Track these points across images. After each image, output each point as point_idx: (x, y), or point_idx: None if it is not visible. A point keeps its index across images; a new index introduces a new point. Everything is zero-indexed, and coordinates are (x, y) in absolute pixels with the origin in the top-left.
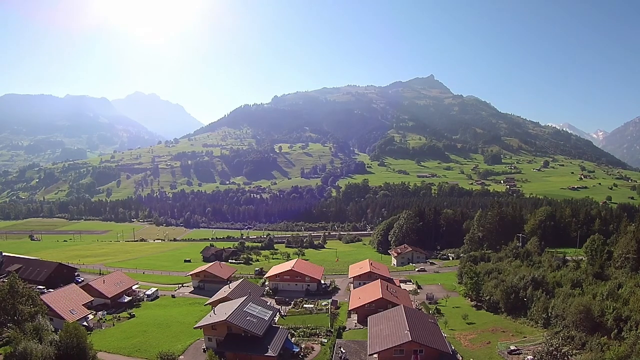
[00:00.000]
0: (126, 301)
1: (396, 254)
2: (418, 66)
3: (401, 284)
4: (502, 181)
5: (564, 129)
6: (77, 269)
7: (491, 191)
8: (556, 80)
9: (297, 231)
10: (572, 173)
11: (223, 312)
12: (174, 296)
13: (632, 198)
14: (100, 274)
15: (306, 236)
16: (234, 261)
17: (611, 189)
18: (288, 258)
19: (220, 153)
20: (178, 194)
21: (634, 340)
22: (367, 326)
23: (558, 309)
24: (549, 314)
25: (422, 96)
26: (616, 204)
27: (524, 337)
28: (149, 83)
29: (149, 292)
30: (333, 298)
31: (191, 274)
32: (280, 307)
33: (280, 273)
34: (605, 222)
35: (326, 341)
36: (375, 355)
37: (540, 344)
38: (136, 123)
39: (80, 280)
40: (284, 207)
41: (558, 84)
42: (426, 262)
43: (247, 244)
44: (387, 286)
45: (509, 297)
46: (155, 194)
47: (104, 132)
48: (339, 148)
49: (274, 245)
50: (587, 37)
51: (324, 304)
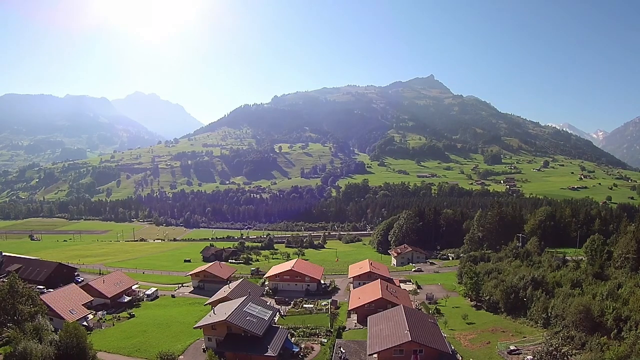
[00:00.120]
0: (126, 301)
1: (396, 254)
2: (418, 66)
3: (401, 284)
4: (502, 181)
5: (564, 129)
6: (77, 269)
7: (491, 191)
8: (556, 80)
9: (297, 231)
10: (572, 173)
11: (223, 312)
12: (173, 296)
13: (632, 198)
14: (100, 273)
15: (306, 236)
16: (233, 261)
17: (611, 189)
18: (288, 258)
19: (220, 153)
20: (178, 194)
21: (633, 340)
22: (366, 326)
23: (558, 309)
24: (549, 314)
25: (422, 96)
26: (616, 204)
27: (524, 337)
28: (149, 83)
29: (148, 292)
30: (333, 298)
31: (191, 273)
32: (280, 307)
33: (280, 273)
34: (605, 222)
35: (326, 341)
36: (375, 355)
37: (540, 344)
38: (136, 123)
39: (80, 280)
40: (284, 207)
41: (558, 84)
42: (426, 262)
43: (247, 244)
44: (387, 286)
45: (509, 297)
46: (155, 194)
47: (104, 132)
48: (339, 148)
49: (274, 245)
50: (587, 37)
51: (323, 304)
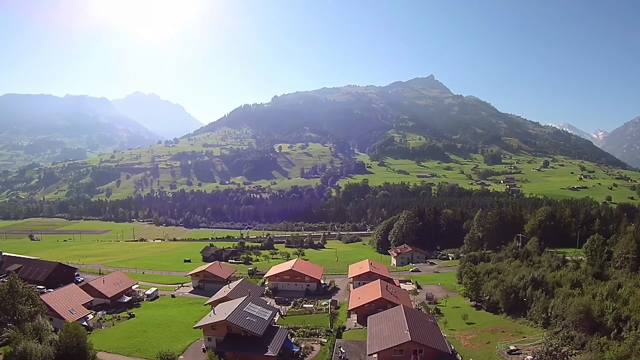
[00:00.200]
0: (126, 301)
1: (396, 254)
2: (418, 66)
3: (401, 284)
4: (502, 181)
5: (564, 129)
6: (76, 268)
7: (491, 191)
8: (556, 80)
9: (297, 231)
10: (572, 173)
11: (223, 312)
12: (173, 296)
13: (632, 198)
14: (100, 273)
15: (306, 236)
16: (233, 261)
17: (611, 189)
18: (288, 258)
19: (220, 153)
20: (178, 194)
21: (633, 340)
22: (366, 326)
23: (558, 309)
24: (549, 314)
25: (422, 96)
26: (616, 204)
27: (524, 337)
28: (149, 83)
29: (148, 292)
30: (333, 298)
31: (191, 273)
32: (280, 307)
33: (280, 273)
34: (605, 222)
35: (326, 341)
36: (375, 355)
37: (539, 344)
38: (136, 123)
39: (80, 280)
40: (284, 207)
41: (558, 84)
42: (426, 262)
43: (247, 244)
44: (387, 286)
45: (509, 297)
46: (155, 194)
47: (103, 132)
48: (339, 148)
49: (274, 245)
50: (587, 37)
51: (323, 304)
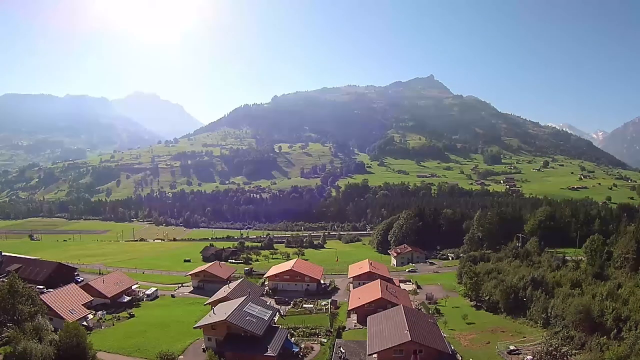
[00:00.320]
0: (126, 301)
1: (396, 254)
2: (418, 66)
3: (401, 284)
4: (501, 181)
5: (564, 129)
6: (76, 268)
7: (491, 191)
8: (556, 80)
9: (297, 231)
10: (572, 173)
11: (223, 312)
12: (173, 296)
13: (632, 198)
14: (99, 273)
15: (306, 236)
16: (233, 261)
17: (611, 189)
18: (288, 258)
19: (220, 153)
20: (178, 194)
21: (633, 341)
22: (366, 326)
23: (557, 309)
24: (549, 314)
25: (422, 96)
26: (616, 204)
27: (524, 337)
28: (149, 83)
29: (148, 292)
30: (333, 298)
31: (191, 273)
32: (279, 307)
33: (280, 273)
34: (605, 222)
35: (326, 341)
36: (375, 355)
37: (539, 344)
38: (136, 123)
39: (80, 280)
40: (284, 207)
41: (558, 84)
42: (426, 262)
43: (247, 243)
44: (387, 286)
45: (509, 297)
46: (155, 194)
47: (103, 132)
48: (338, 148)
49: (274, 245)
50: (587, 37)
51: (323, 303)
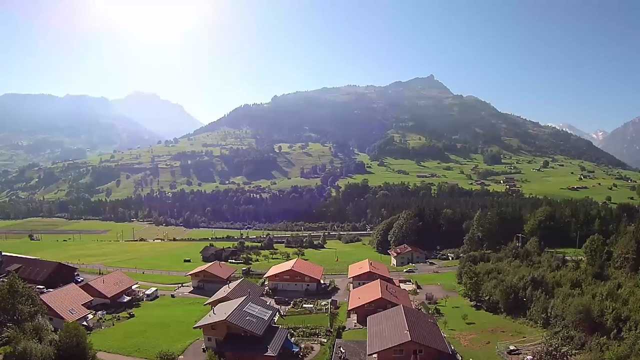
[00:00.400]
0: (126, 301)
1: (396, 254)
2: (418, 66)
3: (401, 284)
4: (501, 181)
5: (564, 129)
6: (76, 268)
7: (491, 191)
8: (556, 80)
9: (297, 231)
10: (572, 173)
11: (222, 312)
12: (173, 296)
13: (632, 198)
14: (99, 273)
15: (306, 236)
16: (233, 261)
17: (611, 189)
18: (288, 258)
19: (220, 153)
20: (178, 194)
21: (633, 341)
22: (366, 326)
23: (557, 309)
24: (549, 314)
25: (422, 96)
26: (616, 204)
27: (524, 337)
28: (149, 83)
29: (148, 292)
30: (333, 298)
31: (191, 273)
32: (279, 307)
33: (280, 273)
34: (604, 222)
35: (326, 341)
36: (375, 355)
37: (539, 344)
38: (136, 123)
39: (79, 280)
40: (284, 207)
41: (558, 84)
42: (425, 262)
43: (247, 243)
44: (387, 286)
45: (509, 297)
46: (155, 194)
47: (103, 131)
48: (338, 148)
49: (274, 245)
50: (587, 37)
51: (323, 303)
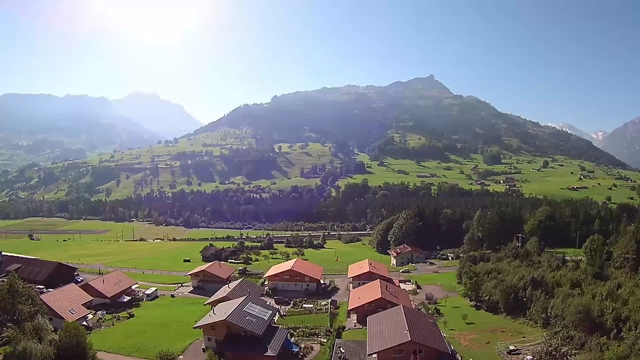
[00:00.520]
0: (125, 301)
1: (395, 254)
2: (418, 66)
3: (400, 284)
4: (501, 181)
5: (564, 129)
6: (76, 268)
7: (491, 191)
8: (556, 80)
9: (297, 231)
10: (572, 173)
11: (222, 312)
12: (173, 296)
13: (632, 198)
14: (99, 273)
15: (306, 236)
16: (233, 261)
17: (611, 189)
18: (287, 258)
19: (220, 153)
20: (178, 194)
21: (633, 341)
22: (366, 326)
23: (557, 309)
24: (549, 314)
25: (422, 96)
26: (616, 204)
27: (524, 337)
28: (149, 83)
29: (148, 292)
30: (332, 298)
31: (190, 273)
32: (279, 307)
33: (280, 273)
34: (604, 222)
35: (325, 341)
36: (375, 355)
37: (539, 344)
38: (136, 123)
39: (79, 280)
40: (284, 207)
41: (558, 84)
42: (425, 262)
43: (247, 243)
44: (387, 286)
45: (509, 297)
46: (154, 194)
47: (103, 131)
48: (338, 148)
49: (274, 245)
50: (587, 37)
51: (323, 303)
